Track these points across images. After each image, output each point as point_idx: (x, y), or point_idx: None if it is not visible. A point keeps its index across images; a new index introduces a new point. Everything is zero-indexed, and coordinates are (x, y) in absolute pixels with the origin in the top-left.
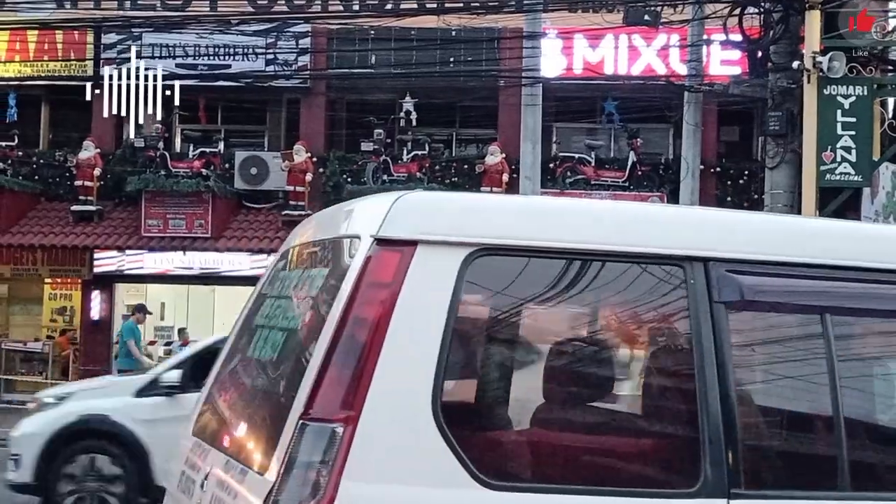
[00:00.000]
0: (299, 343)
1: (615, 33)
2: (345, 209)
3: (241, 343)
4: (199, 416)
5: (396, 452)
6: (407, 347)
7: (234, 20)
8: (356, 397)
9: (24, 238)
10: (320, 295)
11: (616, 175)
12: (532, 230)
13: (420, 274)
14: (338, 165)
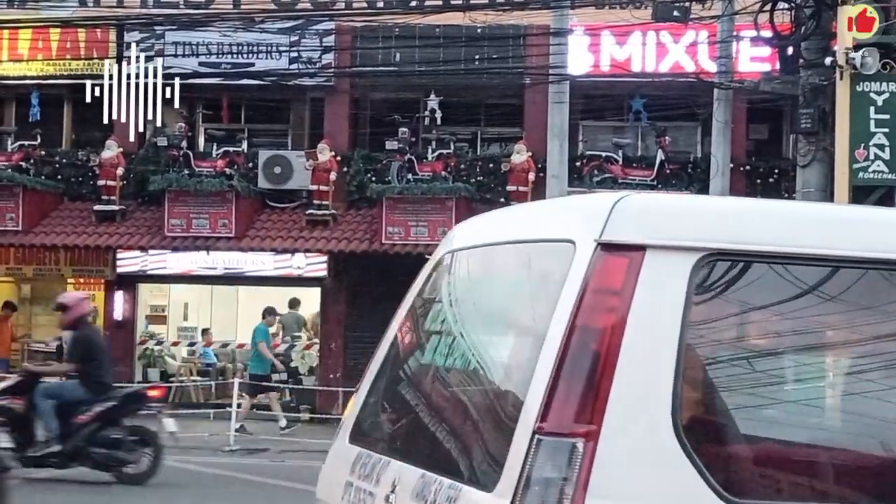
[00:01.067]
0: (510, 352)
1: (643, 30)
2: (541, 211)
3: (406, 349)
4: (359, 424)
5: (637, 467)
6: (643, 357)
7: (257, 18)
8: (594, 410)
9: (46, 238)
10: (527, 302)
11: (644, 173)
12: (767, 234)
13: (651, 280)
14: (362, 164)
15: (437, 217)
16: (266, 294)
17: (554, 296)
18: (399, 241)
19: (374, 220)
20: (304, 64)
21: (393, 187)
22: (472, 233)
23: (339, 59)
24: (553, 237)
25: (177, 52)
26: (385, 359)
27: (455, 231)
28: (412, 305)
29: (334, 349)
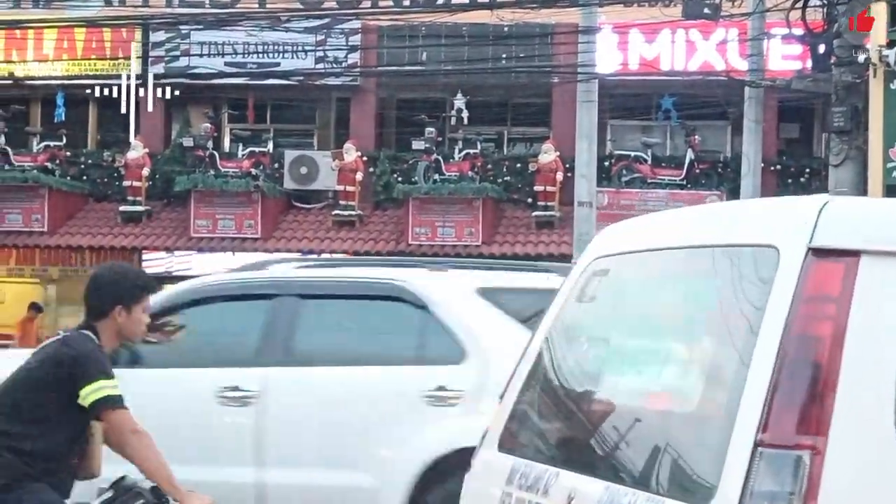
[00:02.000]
0: (706, 361)
1: (672, 28)
2: (725, 215)
3: (563, 357)
4: (510, 433)
5: (865, 481)
6: (866, 366)
7: (283, 17)
8: (819, 422)
9: (72, 239)
10: (722, 308)
11: (673, 173)
12: None
13: (868, 286)
14: (388, 164)
15: (464, 217)
16: None
17: (757, 303)
18: (426, 242)
19: (401, 220)
20: (330, 63)
21: (419, 187)
22: (635, 237)
23: (365, 59)
24: (749, 242)
25: (202, 52)
26: (535, 366)
27: (607, 234)
28: (561, 312)
29: None
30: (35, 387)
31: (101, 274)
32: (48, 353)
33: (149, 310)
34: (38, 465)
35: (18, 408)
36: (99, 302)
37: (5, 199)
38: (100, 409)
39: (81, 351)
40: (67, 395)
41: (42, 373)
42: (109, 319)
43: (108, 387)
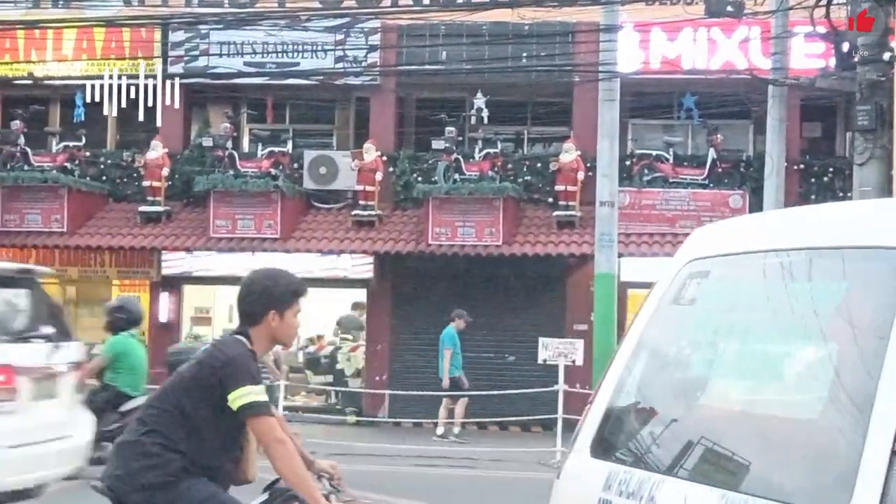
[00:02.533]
0: (833, 365)
1: (693, 26)
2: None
3: (663, 360)
4: (603, 438)
5: None
6: None
7: (303, 17)
8: None
9: (91, 239)
10: (853, 312)
11: (695, 172)
12: None
13: None
14: (408, 164)
15: (484, 217)
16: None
17: (892, 306)
18: (446, 242)
19: (421, 220)
20: (350, 63)
21: (439, 187)
22: (739, 238)
23: (384, 58)
24: (888, 245)
25: (221, 52)
26: (628, 370)
27: (703, 236)
28: (655, 314)
29: (380, 351)
30: (189, 390)
31: (253, 280)
32: (202, 357)
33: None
34: (195, 466)
35: (176, 410)
36: (252, 308)
37: (25, 200)
38: (245, 415)
39: (231, 356)
40: (218, 398)
41: (195, 376)
42: (263, 325)
43: (253, 393)
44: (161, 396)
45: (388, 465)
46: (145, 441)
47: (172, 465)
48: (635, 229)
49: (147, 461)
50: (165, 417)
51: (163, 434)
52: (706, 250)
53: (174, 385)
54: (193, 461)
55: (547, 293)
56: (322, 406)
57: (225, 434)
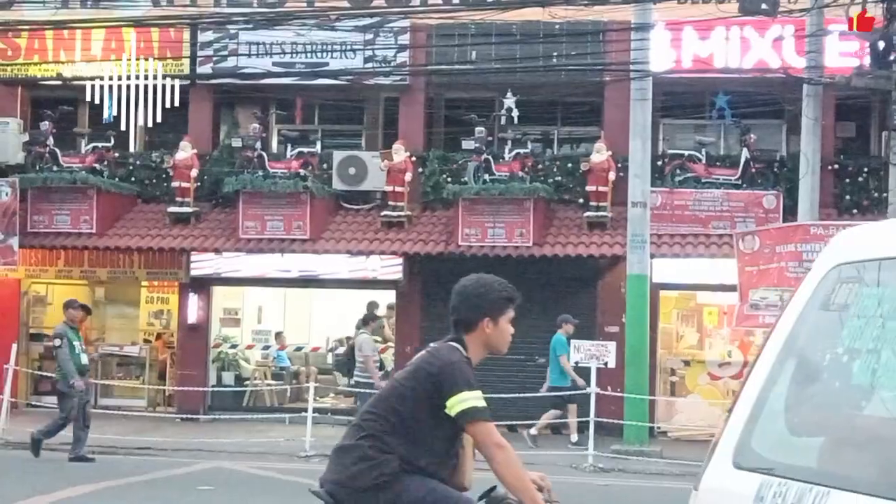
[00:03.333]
0: None
1: (726, 25)
2: None
3: (814, 367)
4: (748, 447)
5: None
6: None
7: (332, 16)
8: None
9: (120, 240)
10: None
11: (728, 173)
12: None
13: None
14: (437, 165)
15: (515, 218)
16: (340, 297)
17: None
18: (476, 243)
19: (450, 221)
20: (379, 63)
21: (469, 188)
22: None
23: (414, 58)
24: None
25: (250, 52)
26: (772, 377)
27: (849, 239)
28: (801, 320)
29: (409, 353)
30: (405, 396)
31: (467, 286)
32: (418, 364)
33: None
34: (412, 466)
35: (393, 416)
36: (466, 315)
37: (54, 201)
38: (464, 421)
39: (447, 362)
40: (435, 405)
41: (412, 383)
42: (477, 332)
43: (472, 398)
44: (377, 402)
45: None
46: (363, 445)
47: (389, 465)
48: (667, 230)
49: (364, 464)
50: (382, 423)
51: (379, 439)
52: (856, 254)
53: (390, 391)
54: (410, 463)
55: (577, 295)
56: (351, 408)
57: (441, 441)
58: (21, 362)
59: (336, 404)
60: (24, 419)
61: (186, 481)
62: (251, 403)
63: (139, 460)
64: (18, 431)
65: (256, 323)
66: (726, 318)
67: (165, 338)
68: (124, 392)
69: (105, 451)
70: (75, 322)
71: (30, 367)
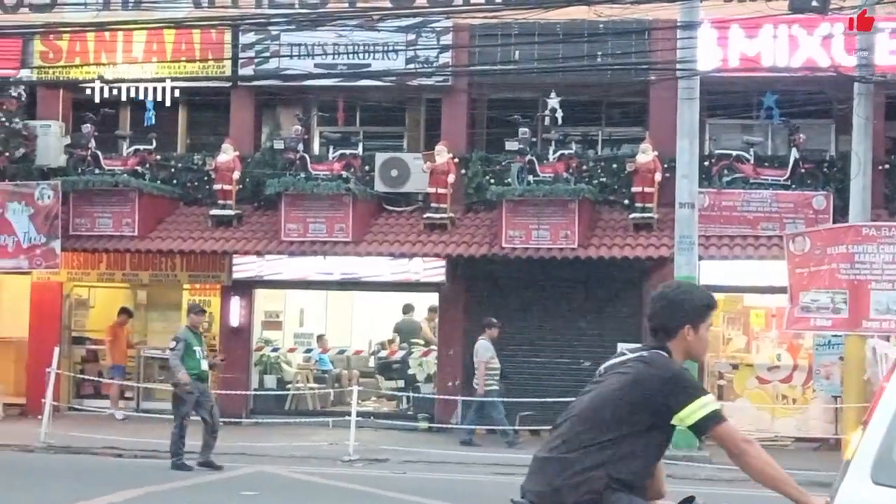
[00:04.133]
0: None
1: (774, 23)
2: None
3: None
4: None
5: None
6: None
7: (375, 16)
8: None
9: (162, 243)
10: None
11: (777, 173)
12: None
13: None
14: (480, 166)
15: (559, 220)
16: (382, 300)
17: None
18: (520, 245)
19: (494, 223)
20: (421, 63)
21: (513, 189)
22: None
23: (456, 58)
24: None
25: (292, 54)
26: None
27: None
28: None
29: (452, 356)
30: (619, 408)
31: (668, 293)
32: (633, 374)
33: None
34: (618, 483)
35: (602, 428)
36: (668, 322)
37: (96, 204)
38: (708, 426)
39: (674, 371)
40: (657, 415)
41: (630, 394)
42: (678, 339)
43: (710, 403)
44: (584, 414)
45: (464, 473)
46: (570, 458)
47: (597, 483)
48: (715, 231)
49: (571, 480)
50: (591, 436)
51: (587, 453)
52: None
53: (599, 403)
54: (617, 479)
55: (623, 297)
56: (393, 412)
57: (654, 450)
58: (63, 366)
59: (378, 408)
60: (66, 423)
61: (230, 486)
62: (293, 407)
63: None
64: (61, 435)
65: (298, 326)
66: (775, 321)
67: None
68: (166, 395)
69: (147, 455)
70: (198, 327)
71: (72, 370)
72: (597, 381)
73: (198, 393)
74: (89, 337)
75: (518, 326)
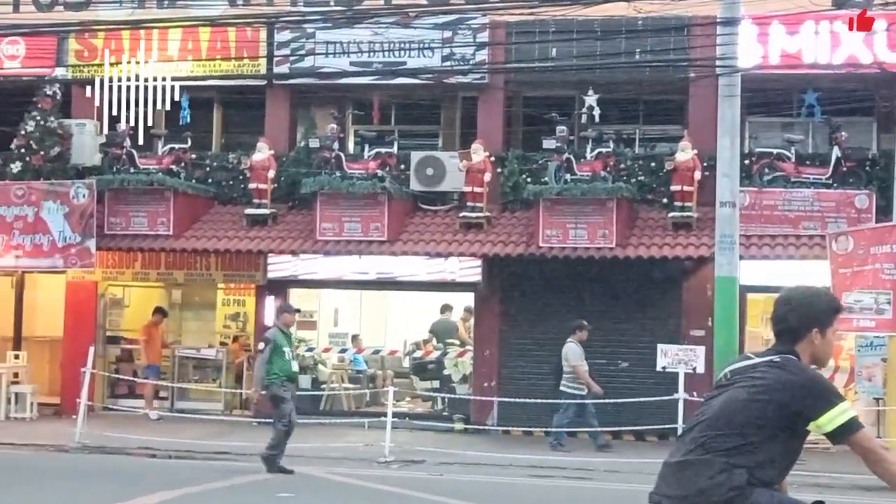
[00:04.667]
0: None
1: (816, 19)
2: None
3: None
4: None
5: None
6: None
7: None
8: None
9: (197, 242)
10: None
11: (819, 172)
12: None
13: None
14: (517, 165)
15: (597, 219)
16: (417, 299)
17: None
18: (557, 245)
19: (531, 222)
20: (458, 61)
21: (550, 188)
22: None
23: (492, 56)
24: None
25: (327, 52)
26: None
27: None
28: None
29: (488, 356)
30: (756, 413)
31: (795, 296)
32: (768, 379)
33: None
34: (758, 481)
35: (739, 432)
36: (795, 325)
37: (131, 203)
38: (846, 434)
39: (811, 377)
40: (793, 421)
41: (766, 399)
42: (805, 342)
43: (848, 410)
44: (717, 419)
45: (502, 475)
46: (711, 460)
47: (740, 478)
48: (755, 231)
49: (714, 479)
50: (730, 440)
51: (727, 455)
52: None
53: (731, 408)
54: (757, 478)
55: (662, 297)
56: (428, 412)
57: (790, 455)
58: (98, 365)
59: (413, 408)
60: (100, 423)
61: (266, 488)
62: (328, 407)
63: (217, 465)
64: (96, 435)
65: (333, 326)
66: None
67: (242, 340)
68: (200, 395)
69: (182, 456)
70: (289, 327)
71: (106, 370)
72: (723, 385)
73: (290, 395)
74: (124, 336)
75: (555, 327)
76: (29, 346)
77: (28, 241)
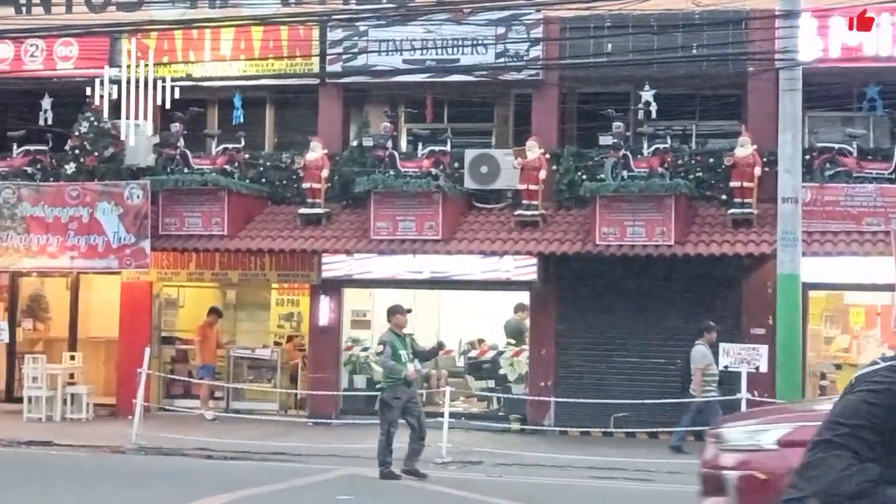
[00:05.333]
0: None
1: (877, 11)
2: None
3: None
4: None
5: None
6: None
7: (466, 10)
8: None
9: (251, 242)
10: None
11: (881, 166)
12: None
13: None
14: (572, 162)
15: (655, 216)
16: (471, 298)
17: None
18: (614, 243)
19: (587, 220)
20: (512, 57)
21: (607, 185)
22: None
23: (547, 52)
24: None
25: (380, 50)
26: None
27: None
28: None
29: (545, 356)
30: (871, 419)
31: None
32: (884, 385)
33: None
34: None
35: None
36: None
37: (185, 203)
38: None
39: None
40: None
41: (880, 404)
42: None
43: None
44: (845, 417)
45: (561, 476)
46: (842, 455)
47: (872, 471)
48: (816, 227)
49: (848, 471)
50: (858, 440)
51: (857, 453)
52: None
53: (861, 408)
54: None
55: (721, 295)
56: (484, 412)
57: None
58: (153, 366)
59: (468, 408)
60: (156, 423)
61: (325, 490)
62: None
63: (274, 466)
64: (152, 436)
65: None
66: (879, 319)
67: (296, 341)
68: (255, 395)
69: (238, 457)
70: (402, 328)
71: (162, 370)
72: (848, 391)
73: (406, 398)
74: (179, 337)
75: (612, 326)
76: (84, 347)
77: (83, 242)
